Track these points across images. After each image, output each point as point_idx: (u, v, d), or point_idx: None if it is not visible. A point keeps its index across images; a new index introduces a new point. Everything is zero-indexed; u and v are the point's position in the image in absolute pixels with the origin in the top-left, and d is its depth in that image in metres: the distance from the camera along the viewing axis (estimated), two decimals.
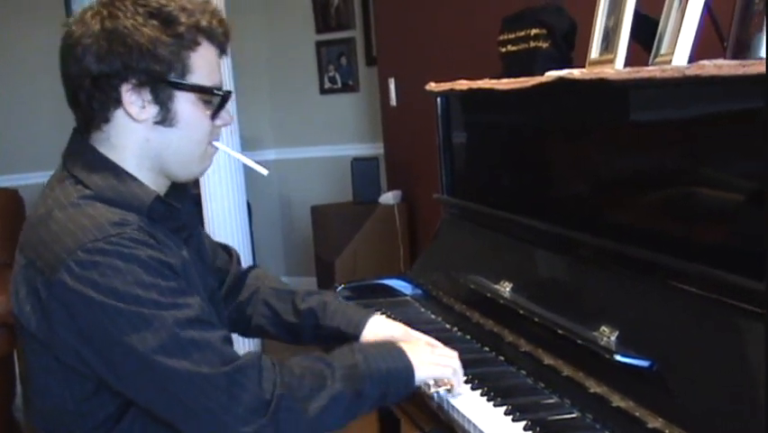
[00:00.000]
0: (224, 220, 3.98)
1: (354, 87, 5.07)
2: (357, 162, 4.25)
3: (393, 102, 4.11)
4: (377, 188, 4.19)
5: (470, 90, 2.00)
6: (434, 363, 1.44)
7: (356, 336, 1.57)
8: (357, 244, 3.99)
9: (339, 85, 5.14)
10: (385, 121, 4.34)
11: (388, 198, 4.03)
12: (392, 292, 2.18)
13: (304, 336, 1.64)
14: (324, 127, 5.16)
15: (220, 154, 1.49)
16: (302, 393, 1.27)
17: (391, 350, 1.42)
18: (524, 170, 1.96)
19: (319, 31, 5.11)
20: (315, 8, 5.10)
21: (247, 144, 4.74)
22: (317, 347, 1.58)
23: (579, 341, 1.43)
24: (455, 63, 3.25)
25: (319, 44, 5.12)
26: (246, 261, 4.06)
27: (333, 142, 5.10)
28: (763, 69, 1.10)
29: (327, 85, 5.17)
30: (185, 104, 1.32)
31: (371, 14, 4.64)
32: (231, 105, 1.41)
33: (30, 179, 4.56)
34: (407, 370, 1.39)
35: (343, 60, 5.09)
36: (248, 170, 4.49)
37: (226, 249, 1.73)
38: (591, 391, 1.37)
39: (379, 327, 1.59)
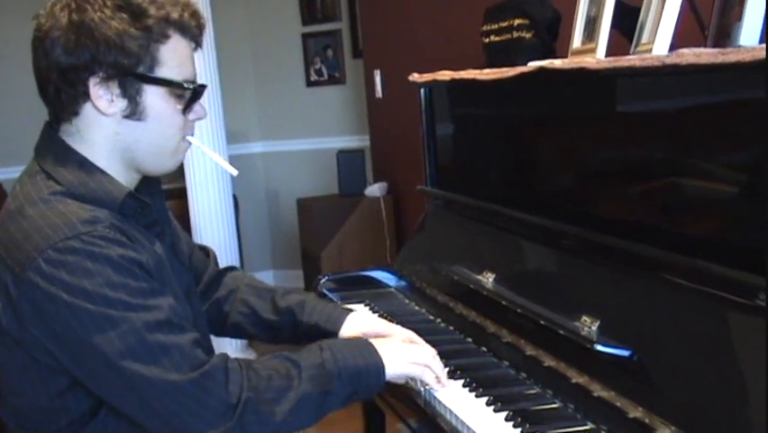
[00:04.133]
0: (210, 214, 3.97)
1: (340, 80, 5.06)
2: (342, 155, 4.24)
3: (379, 94, 4.10)
4: (363, 180, 4.18)
5: (453, 81, 2.00)
6: (406, 360, 1.42)
7: (335, 333, 1.56)
8: (343, 237, 3.99)
9: (325, 77, 5.12)
10: (371, 113, 4.33)
11: (374, 190, 4.03)
12: (376, 284, 2.18)
13: (282, 335, 1.62)
14: (311, 120, 5.15)
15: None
16: (269, 395, 1.26)
17: (361, 347, 1.40)
18: (506, 160, 1.95)
19: (305, 23, 5.09)
20: (301, 0, 5.08)
21: (233, 137, 4.72)
22: (295, 347, 1.56)
23: (560, 331, 1.42)
24: (441, 55, 3.24)
25: (305, 36, 5.10)
26: (233, 254, 4.07)
27: (319, 134, 5.09)
28: (742, 57, 1.10)
29: (313, 77, 5.15)
30: (154, 98, 1.30)
31: (357, 6, 4.62)
32: (208, 100, 1.39)
33: (13, 172, 4.53)
34: (377, 366, 1.38)
35: (330, 53, 5.07)
36: (233, 162, 4.46)
37: (204, 249, 1.72)
38: (573, 381, 1.37)
39: (358, 323, 1.58)
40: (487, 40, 2.15)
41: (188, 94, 1.33)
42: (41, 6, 1.31)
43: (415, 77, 2.21)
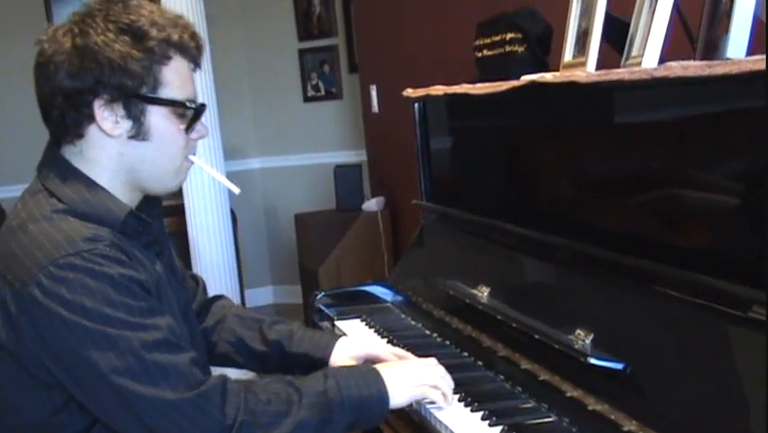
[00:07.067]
0: (209, 230, 3.97)
1: (337, 95, 5.07)
2: (340, 170, 4.25)
3: (375, 109, 4.11)
4: (360, 195, 4.18)
5: (446, 95, 2.00)
6: (412, 384, 1.41)
7: (324, 360, 1.57)
8: (341, 252, 3.98)
9: (322, 92, 5.13)
10: (367, 128, 4.34)
11: (372, 204, 4.03)
12: (373, 299, 2.18)
13: (270, 365, 1.62)
14: (308, 135, 5.16)
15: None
16: (266, 420, 1.26)
17: (367, 375, 1.39)
18: (499, 174, 1.96)
19: (301, 39, 5.11)
20: (297, 16, 5.10)
21: (231, 153, 4.72)
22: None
23: (554, 345, 1.42)
24: (436, 69, 3.25)
25: (302, 52, 5.12)
26: (231, 270, 4.07)
27: (316, 149, 5.10)
28: (729, 69, 1.10)
29: (310, 93, 5.16)
30: (158, 118, 1.32)
31: (353, 22, 4.64)
32: (207, 118, 1.41)
33: (12, 191, 4.54)
34: (381, 396, 1.37)
35: (326, 68, 5.09)
36: (231, 178, 4.46)
37: (193, 277, 1.72)
38: (568, 394, 1.37)
39: (347, 349, 1.58)
40: (479, 54, 2.16)
41: (190, 113, 1.35)
42: (41, 30, 1.32)
43: (408, 92, 2.22)
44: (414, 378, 1.43)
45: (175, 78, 1.32)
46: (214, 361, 1.66)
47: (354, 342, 1.62)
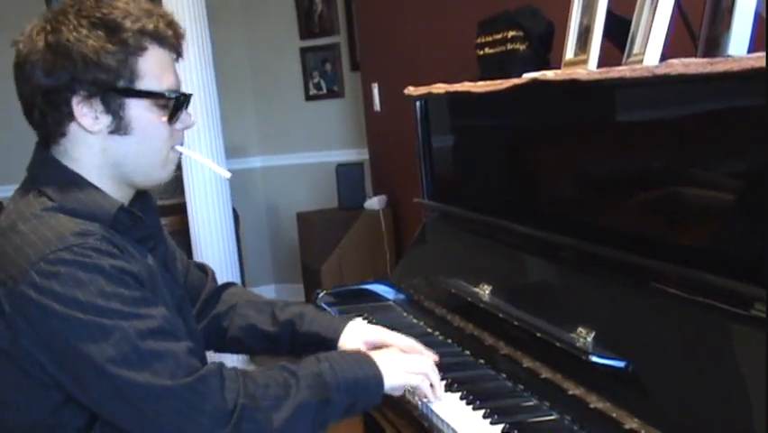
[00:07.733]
0: (211, 228, 3.96)
1: (339, 93, 5.07)
2: (342, 168, 4.24)
3: (377, 107, 4.11)
4: (362, 193, 4.18)
5: (448, 93, 2.00)
6: (405, 370, 1.43)
7: (335, 341, 1.57)
8: (343, 250, 3.98)
9: (324, 91, 5.13)
10: (369, 126, 4.34)
11: (374, 203, 4.02)
12: (375, 297, 2.18)
13: (281, 346, 1.63)
14: (310, 133, 5.16)
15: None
16: (266, 403, 1.26)
17: (359, 358, 1.41)
18: (501, 172, 1.95)
19: (303, 37, 5.11)
20: (299, 14, 5.10)
21: (233, 152, 4.72)
22: (295, 359, 1.57)
23: (556, 343, 1.42)
24: (437, 67, 3.25)
25: (304, 50, 5.12)
26: (233, 269, 4.07)
27: (318, 148, 5.10)
28: (730, 66, 1.10)
29: (312, 91, 5.16)
30: (138, 110, 1.31)
31: (355, 20, 4.63)
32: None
33: (12, 191, 4.54)
34: (376, 378, 1.38)
35: (328, 66, 5.09)
36: (233, 178, 4.47)
37: (201, 267, 1.72)
38: (570, 392, 1.37)
39: (358, 331, 1.59)
40: (481, 52, 2.16)
41: (172, 103, 1.34)
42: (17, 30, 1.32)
43: (410, 90, 2.21)
44: (406, 364, 1.45)
45: (152, 68, 1.31)
46: (227, 346, 1.67)
47: (366, 326, 1.62)
